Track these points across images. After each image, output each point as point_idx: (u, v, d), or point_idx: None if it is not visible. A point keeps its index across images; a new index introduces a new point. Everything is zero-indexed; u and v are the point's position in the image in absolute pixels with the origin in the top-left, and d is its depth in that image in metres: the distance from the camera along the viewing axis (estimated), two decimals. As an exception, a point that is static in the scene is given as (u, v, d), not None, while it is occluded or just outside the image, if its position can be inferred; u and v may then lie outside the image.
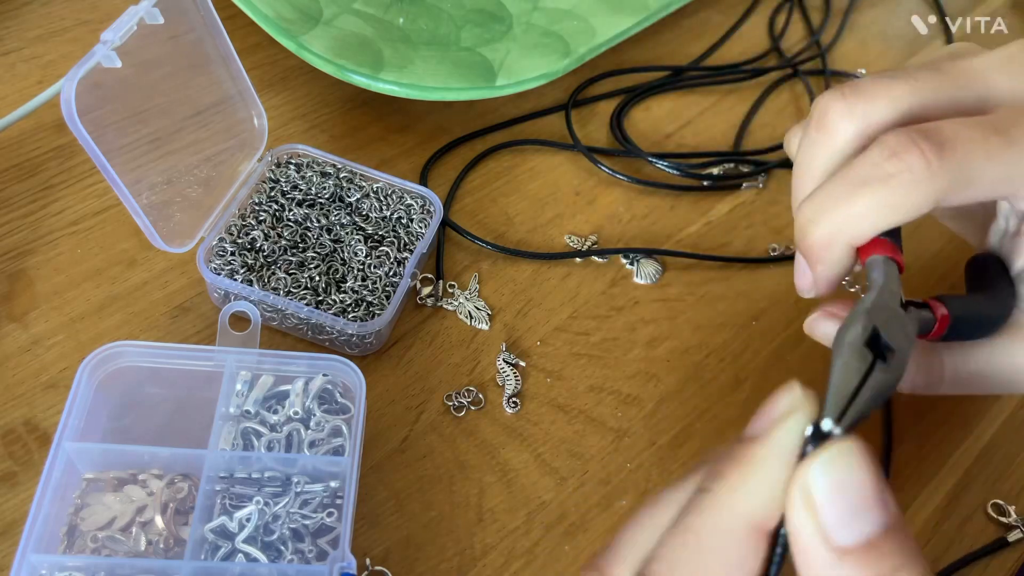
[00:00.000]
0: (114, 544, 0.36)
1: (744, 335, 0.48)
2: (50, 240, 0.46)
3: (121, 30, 0.37)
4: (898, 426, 0.45)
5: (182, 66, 0.43)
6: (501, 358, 0.45)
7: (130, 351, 0.39)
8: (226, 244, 0.45)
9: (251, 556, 0.36)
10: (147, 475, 0.38)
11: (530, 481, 0.41)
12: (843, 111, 0.31)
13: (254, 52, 0.56)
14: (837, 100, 0.31)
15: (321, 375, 0.40)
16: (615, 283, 0.49)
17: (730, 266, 0.51)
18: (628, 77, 0.60)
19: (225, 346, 0.40)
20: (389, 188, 0.48)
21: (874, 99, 0.31)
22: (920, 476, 0.44)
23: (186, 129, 0.44)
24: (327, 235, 0.46)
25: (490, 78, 0.52)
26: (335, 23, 0.52)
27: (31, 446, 0.39)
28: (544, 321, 0.47)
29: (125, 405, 0.40)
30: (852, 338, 0.26)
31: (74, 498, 0.37)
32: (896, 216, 0.29)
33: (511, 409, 0.43)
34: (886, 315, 0.28)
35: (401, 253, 0.46)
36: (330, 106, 0.55)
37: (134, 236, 0.46)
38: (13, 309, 0.43)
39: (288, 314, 0.43)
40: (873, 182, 0.29)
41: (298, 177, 0.48)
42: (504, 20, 0.56)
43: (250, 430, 0.39)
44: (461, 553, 0.39)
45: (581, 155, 0.55)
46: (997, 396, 0.47)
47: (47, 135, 0.50)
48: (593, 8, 0.57)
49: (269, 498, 0.37)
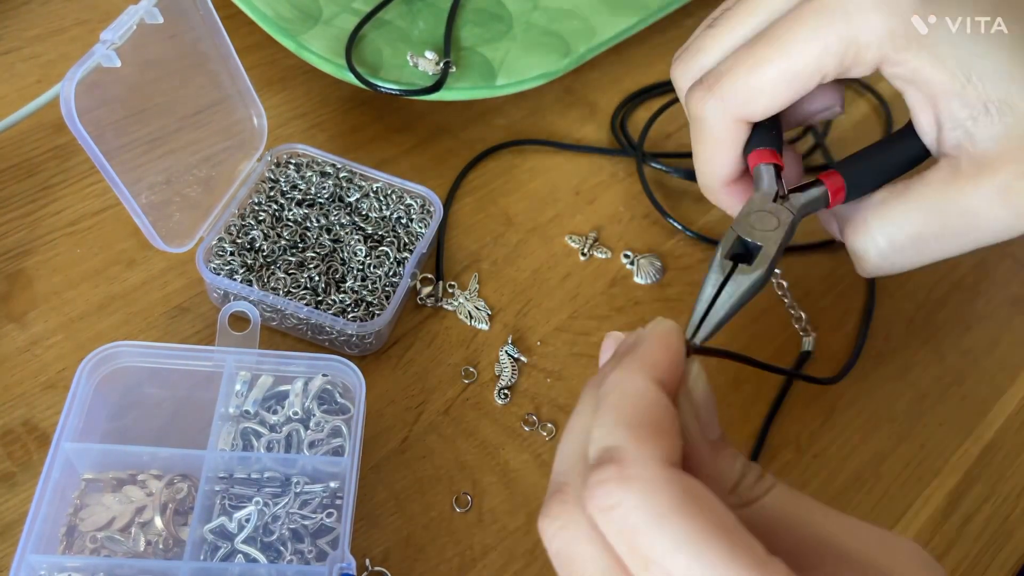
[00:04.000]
0: (113, 544, 0.36)
1: (744, 335, 0.48)
2: (49, 240, 0.46)
3: (121, 30, 0.37)
4: (898, 425, 0.46)
5: (181, 66, 0.43)
6: (504, 350, 0.45)
7: (129, 351, 0.39)
8: (225, 244, 0.44)
9: (250, 557, 0.36)
10: (146, 475, 0.38)
11: (530, 481, 0.41)
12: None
13: (254, 52, 0.56)
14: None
15: (321, 375, 0.40)
16: (615, 283, 0.49)
17: (730, 266, 0.51)
18: (629, 77, 0.60)
19: (224, 346, 0.40)
20: (389, 188, 0.48)
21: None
22: (920, 476, 0.44)
23: (185, 129, 0.44)
24: (327, 235, 0.46)
25: (490, 78, 0.52)
26: (335, 23, 0.52)
27: (30, 446, 0.39)
28: (544, 321, 0.47)
29: (124, 405, 0.40)
30: (713, 260, 0.31)
31: (73, 498, 0.37)
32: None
33: (501, 400, 0.43)
34: (751, 218, 0.33)
35: (401, 253, 0.46)
36: (330, 106, 0.54)
37: (133, 236, 0.46)
38: (12, 309, 0.43)
39: (288, 314, 0.43)
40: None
41: (297, 177, 0.48)
42: (504, 20, 0.56)
43: (250, 430, 0.39)
44: (461, 553, 0.39)
45: (582, 155, 0.55)
46: (999, 395, 0.47)
47: (46, 135, 0.50)
48: (593, 8, 0.57)
49: (269, 498, 0.37)
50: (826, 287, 0.51)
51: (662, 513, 0.22)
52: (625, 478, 0.23)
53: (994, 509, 0.44)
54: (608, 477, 0.23)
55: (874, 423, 0.45)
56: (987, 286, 0.52)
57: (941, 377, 0.48)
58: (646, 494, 0.23)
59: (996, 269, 0.53)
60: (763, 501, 0.26)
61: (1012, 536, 0.43)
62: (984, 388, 0.48)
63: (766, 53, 0.34)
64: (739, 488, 0.26)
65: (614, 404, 0.25)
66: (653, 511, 0.22)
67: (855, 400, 0.46)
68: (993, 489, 0.44)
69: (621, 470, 0.23)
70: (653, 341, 0.27)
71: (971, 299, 0.51)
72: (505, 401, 0.44)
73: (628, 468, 0.23)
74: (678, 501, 0.23)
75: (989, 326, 0.50)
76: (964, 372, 0.48)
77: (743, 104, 0.35)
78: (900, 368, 0.48)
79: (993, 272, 0.53)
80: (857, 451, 0.44)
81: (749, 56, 0.35)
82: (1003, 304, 0.51)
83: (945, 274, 0.52)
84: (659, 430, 0.25)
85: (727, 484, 0.26)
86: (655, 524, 0.22)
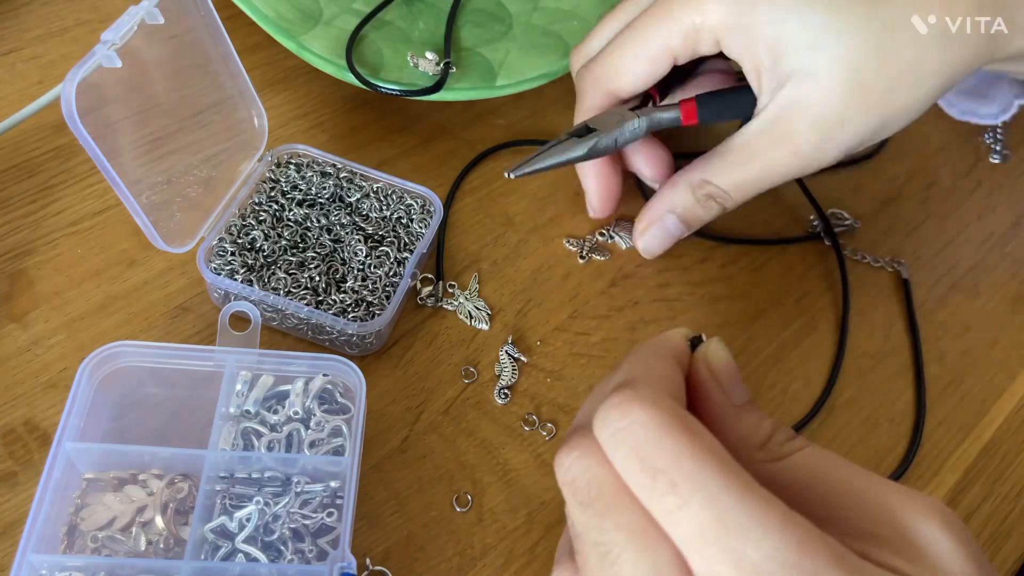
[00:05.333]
0: (114, 544, 0.36)
1: (744, 335, 0.48)
2: (50, 240, 0.46)
3: (121, 30, 0.37)
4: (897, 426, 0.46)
5: (182, 66, 0.43)
6: (504, 349, 0.45)
7: (130, 351, 0.39)
8: (226, 244, 0.45)
9: (251, 556, 0.36)
10: (147, 475, 0.38)
11: (530, 481, 0.41)
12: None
13: (254, 52, 0.56)
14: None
15: (321, 375, 0.40)
16: (615, 283, 0.49)
17: (730, 266, 0.51)
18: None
19: (225, 346, 0.40)
20: (389, 188, 0.48)
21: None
22: (920, 476, 0.44)
23: (186, 129, 0.44)
24: (327, 235, 0.46)
25: (490, 78, 0.52)
26: (335, 23, 0.52)
27: (31, 446, 0.39)
28: (544, 321, 0.47)
29: (125, 405, 0.40)
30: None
31: (74, 498, 0.37)
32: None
33: (501, 400, 0.43)
34: (603, 116, 0.43)
35: (401, 253, 0.46)
36: (330, 106, 0.55)
37: (134, 236, 0.46)
38: (13, 309, 0.43)
39: (288, 314, 0.43)
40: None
41: (298, 177, 0.48)
42: (504, 20, 0.56)
43: (250, 430, 0.39)
44: (461, 553, 0.39)
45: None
46: (998, 395, 0.47)
47: (47, 135, 0.50)
48: (593, 8, 0.57)
49: (269, 498, 0.37)
50: (825, 286, 0.51)
51: (671, 424, 0.24)
52: (636, 397, 0.25)
53: (993, 509, 0.44)
54: (620, 400, 0.25)
55: (874, 423, 0.46)
56: (987, 286, 0.52)
57: (941, 377, 0.48)
58: (657, 409, 0.25)
59: (995, 269, 0.53)
60: (793, 458, 0.27)
61: (1011, 535, 0.43)
62: (983, 388, 0.48)
63: (627, 38, 0.43)
64: (769, 444, 0.28)
65: (631, 356, 0.29)
66: (662, 423, 0.25)
67: (855, 400, 0.46)
68: (992, 489, 0.44)
69: (635, 392, 0.25)
70: (660, 336, 0.31)
71: (971, 299, 0.51)
72: (505, 401, 0.44)
73: (639, 390, 0.25)
74: (686, 421, 0.25)
75: (989, 326, 0.50)
76: (964, 372, 0.48)
77: (611, 79, 0.44)
78: (900, 368, 0.48)
79: (993, 272, 0.53)
80: (857, 451, 0.44)
81: (616, 41, 0.44)
82: (1003, 304, 0.51)
83: (945, 274, 0.52)
84: (669, 377, 0.28)
85: (755, 441, 0.28)
86: (665, 435, 0.24)
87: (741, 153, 0.42)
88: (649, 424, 0.25)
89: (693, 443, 0.24)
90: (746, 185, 0.43)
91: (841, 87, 0.39)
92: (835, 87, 0.39)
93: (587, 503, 0.26)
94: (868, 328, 0.49)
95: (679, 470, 0.24)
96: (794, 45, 0.39)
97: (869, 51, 0.39)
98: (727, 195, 0.43)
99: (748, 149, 0.42)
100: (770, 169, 0.42)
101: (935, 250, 0.53)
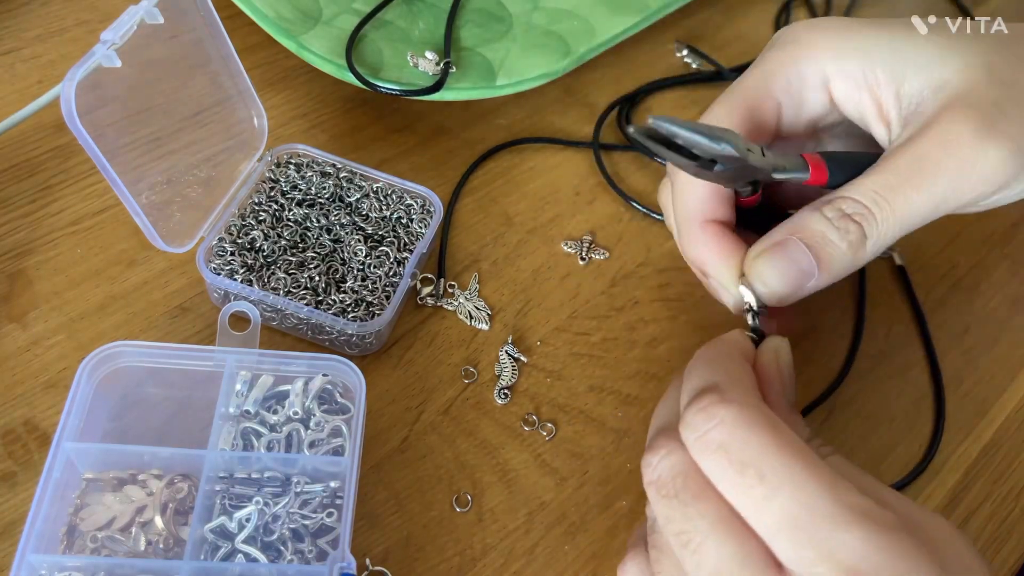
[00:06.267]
0: (114, 544, 0.36)
1: (744, 335, 0.48)
2: (50, 240, 0.46)
3: (121, 30, 0.37)
4: (897, 425, 0.46)
5: (182, 66, 0.43)
6: (504, 350, 0.45)
7: (130, 351, 0.39)
8: (226, 244, 0.45)
9: (251, 556, 0.36)
10: (147, 475, 0.38)
11: (530, 481, 0.41)
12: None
13: (254, 52, 0.56)
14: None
15: (321, 375, 0.40)
16: (615, 283, 0.49)
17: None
18: (629, 77, 0.60)
19: (225, 346, 0.40)
20: (389, 188, 0.48)
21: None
22: (920, 476, 0.44)
23: (186, 129, 0.44)
24: (327, 235, 0.46)
25: (490, 78, 0.52)
26: (335, 23, 0.52)
27: (31, 446, 0.39)
28: (544, 321, 0.47)
29: (125, 405, 0.40)
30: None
31: (74, 498, 0.37)
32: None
33: (501, 400, 0.43)
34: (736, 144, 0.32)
35: (401, 253, 0.46)
36: (330, 106, 0.55)
37: (134, 236, 0.46)
38: (13, 309, 0.43)
39: (288, 314, 0.43)
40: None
41: (298, 177, 0.48)
42: (504, 20, 0.56)
43: (250, 430, 0.39)
44: (461, 553, 0.39)
45: (582, 155, 0.55)
46: (998, 395, 0.47)
47: (47, 135, 0.50)
48: (593, 8, 0.57)
49: (269, 498, 0.37)
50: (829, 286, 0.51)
51: (757, 421, 0.26)
52: (723, 400, 0.27)
53: (994, 508, 0.44)
54: (707, 403, 0.27)
55: (874, 423, 0.46)
56: (987, 286, 0.52)
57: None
58: (743, 408, 0.26)
59: (996, 269, 0.53)
60: (827, 461, 0.29)
61: (1012, 535, 0.43)
62: (983, 388, 0.48)
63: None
64: (809, 445, 0.29)
65: (703, 360, 0.30)
66: (749, 420, 0.26)
67: (855, 400, 0.46)
68: (992, 488, 0.44)
69: (720, 395, 0.27)
70: (724, 338, 0.32)
71: (971, 299, 0.51)
72: (505, 401, 0.44)
73: (726, 394, 0.27)
74: (770, 418, 0.26)
75: (989, 326, 0.50)
76: (964, 372, 0.48)
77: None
78: (900, 368, 0.48)
79: (992, 272, 0.53)
80: (857, 451, 0.44)
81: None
82: (1003, 304, 0.51)
83: (945, 274, 0.52)
84: (747, 377, 0.30)
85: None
86: (752, 431, 0.26)
87: (910, 162, 0.35)
88: (736, 422, 0.26)
89: (779, 438, 0.26)
90: (893, 193, 0.34)
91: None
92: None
93: (671, 495, 0.27)
94: (869, 328, 0.49)
95: (767, 463, 0.25)
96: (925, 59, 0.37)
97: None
98: (867, 211, 0.34)
99: (918, 159, 0.34)
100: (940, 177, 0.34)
101: (935, 250, 0.53)
